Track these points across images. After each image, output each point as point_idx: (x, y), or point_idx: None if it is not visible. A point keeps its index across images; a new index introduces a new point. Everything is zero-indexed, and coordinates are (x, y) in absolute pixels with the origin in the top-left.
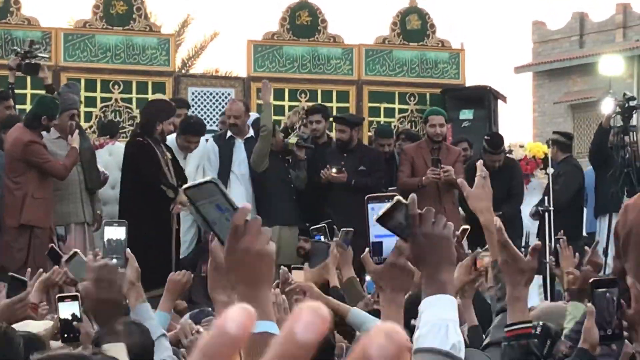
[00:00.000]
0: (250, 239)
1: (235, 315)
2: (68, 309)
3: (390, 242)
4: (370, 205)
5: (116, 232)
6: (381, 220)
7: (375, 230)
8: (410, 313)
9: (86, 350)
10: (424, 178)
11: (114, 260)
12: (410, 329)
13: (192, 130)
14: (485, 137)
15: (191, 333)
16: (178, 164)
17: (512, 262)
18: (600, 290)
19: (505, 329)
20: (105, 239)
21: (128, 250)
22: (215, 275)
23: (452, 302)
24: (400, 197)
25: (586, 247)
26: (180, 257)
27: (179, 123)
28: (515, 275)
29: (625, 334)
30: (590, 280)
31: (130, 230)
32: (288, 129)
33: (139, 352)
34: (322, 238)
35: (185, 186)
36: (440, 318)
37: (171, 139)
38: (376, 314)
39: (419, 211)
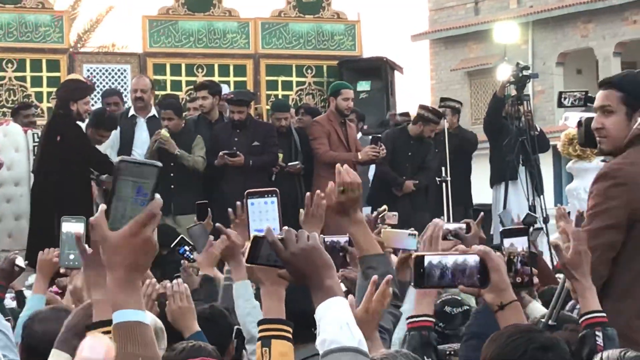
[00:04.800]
0: (152, 230)
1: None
2: None
3: None
4: (250, 201)
5: (74, 227)
6: (250, 261)
7: (256, 225)
8: None
9: None
10: (360, 155)
11: (71, 256)
12: None
13: (105, 125)
14: (428, 107)
15: None
16: None
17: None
18: (509, 239)
19: (407, 321)
20: (63, 233)
21: (86, 246)
22: (90, 273)
23: (344, 302)
24: (256, 233)
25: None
26: None
27: (91, 114)
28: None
29: (535, 280)
30: (500, 230)
31: (55, 209)
32: None
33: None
34: (187, 247)
35: (123, 157)
36: (340, 319)
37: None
38: None
39: (279, 236)
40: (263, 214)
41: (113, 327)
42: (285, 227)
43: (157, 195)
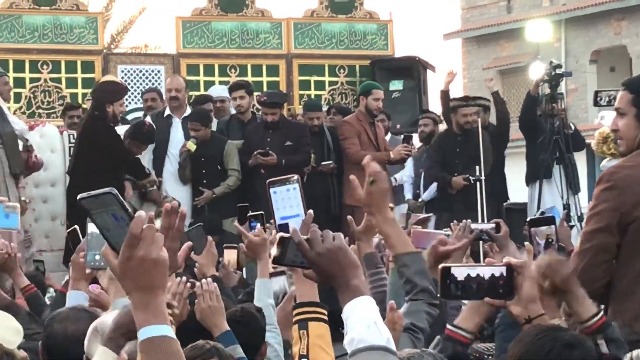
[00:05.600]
0: (147, 247)
1: None
2: None
3: (295, 223)
4: (272, 189)
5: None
6: (276, 260)
7: (280, 213)
8: None
9: None
10: (392, 154)
11: (97, 256)
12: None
13: (142, 139)
14: (453, 98)
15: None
16: None
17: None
18: (536, 229)
19: (448, 326)
20: (88, 234)
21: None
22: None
23: (371, 301)
24: (282, 233)
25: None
26: None
27: (130, 126)
28: None
29: None
30: (528, 219)
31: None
32: None
33: (85, 337)
34: (259, 225)
35: (80, 196)
36: (367, 318)
37: (120, 130)
38: None
39: (304, 237)
40: (286, 201)
41: (139, 345)
42: (312, 229)
43: (138, 212)
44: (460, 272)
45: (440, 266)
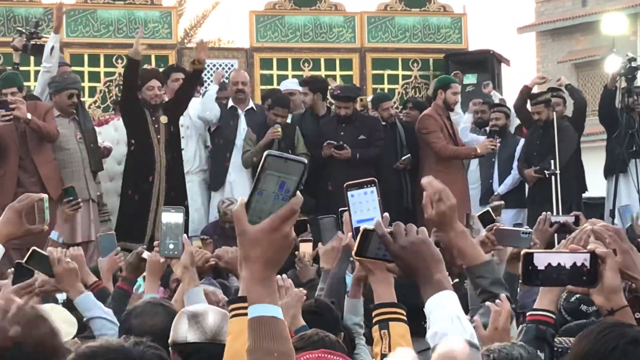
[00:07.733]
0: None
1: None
2: None
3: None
4: (349, 193)
5: (173, 217)
6: (358, 253)
7: (357, 216)
8: None
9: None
10: (478, 148)
11: (170, 245)
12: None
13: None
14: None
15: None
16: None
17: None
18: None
19: (528, 313)
20: (163, 224)
21: (185, 235)
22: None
23: (454, 296)
24: (366, 225)
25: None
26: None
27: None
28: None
29: None
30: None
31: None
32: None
33: (162, 331)
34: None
35: (272, 152)
36: (450, 313)
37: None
38: None
39: (388, 229)
40: (363, 205)
41: (249, 321)
42: (396, 222)
43: (298, 192)
44: (542, 258)
45: (522, 252)
